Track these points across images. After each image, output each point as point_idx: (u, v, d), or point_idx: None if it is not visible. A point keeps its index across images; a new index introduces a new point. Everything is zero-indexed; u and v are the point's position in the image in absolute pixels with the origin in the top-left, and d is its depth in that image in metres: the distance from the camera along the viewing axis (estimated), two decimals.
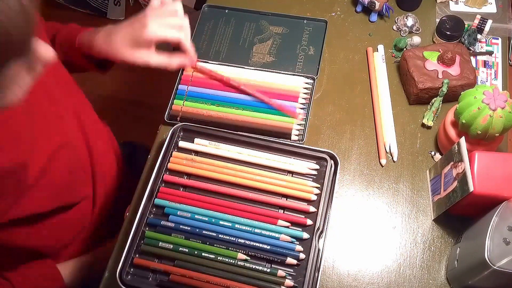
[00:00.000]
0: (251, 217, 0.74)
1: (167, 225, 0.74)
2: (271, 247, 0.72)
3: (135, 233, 0.73)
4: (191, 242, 0.73)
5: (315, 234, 0.73)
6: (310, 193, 0.74)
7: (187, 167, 0.77)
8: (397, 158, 0.90)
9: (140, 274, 0.72)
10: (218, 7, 1.08)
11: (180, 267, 0.71)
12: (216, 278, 0.70)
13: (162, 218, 0.76)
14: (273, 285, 0.70)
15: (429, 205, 0.86)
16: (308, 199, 0.74)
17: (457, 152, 0.76)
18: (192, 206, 0.75)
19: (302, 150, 0.82)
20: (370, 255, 0.81)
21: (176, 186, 0.78)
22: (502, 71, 1.00)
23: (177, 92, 0.95)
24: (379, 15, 1.07)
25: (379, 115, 0.94)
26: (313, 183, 0.76)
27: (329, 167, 0.80)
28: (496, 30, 1.04)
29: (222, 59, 1.01)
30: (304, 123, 0.90)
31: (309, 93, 0.94)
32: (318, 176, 0.80)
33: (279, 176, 0.78)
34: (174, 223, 0.74)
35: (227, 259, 0.71)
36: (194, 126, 0.83)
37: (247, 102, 0.93)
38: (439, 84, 0.90)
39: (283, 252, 0.72)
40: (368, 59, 1.01)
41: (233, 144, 0.82)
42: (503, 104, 0.76)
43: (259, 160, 0.80)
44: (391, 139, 0.91)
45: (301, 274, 0.71)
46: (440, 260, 0.80)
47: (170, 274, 0.71)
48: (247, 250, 0.72)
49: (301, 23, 1.05)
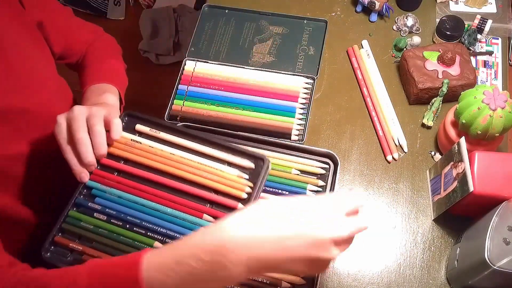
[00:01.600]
0: (178, 208, 0.74)
1: (93, 207, 0.74)
2: None
3: (61, 212, 0.73)
4: (110, 226, 0.73)
5: None
6: (241, 190, 0.74)
7: (124, 152, 0.77)
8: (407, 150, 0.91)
9: (59, 252, 0.72)
10: (218, 7, 1.08)
11: (97, 249, 0.71)
12: None
13: (90, 200, 0.76)
14: None
15: (429, 205, 0.86)
16: (238, 196, 0.74)
17: (457, 152, 0.76)
18: (120, 191, 0.75)
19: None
20: (370, 255, 0.81)
21: (111, 170, 0.78)
22: (502, 71, 1.00)
23: (177, 92, 0.95)
24: (379, 15, 1.07)
25: (381, 111, 0.94)
26: (246, 181, 0.76)
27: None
28: (496, 30, 1.04)
29: (222, 59, 1.01)
30: (304, 123, 0.90)
31: (309, 93, 0.94)
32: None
33: (212, 170, 0.77)
34: (101, 206, 0.74)
35: (143, 246, 0.71)
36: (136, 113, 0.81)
37: (247, 102, 0.93)
38: (439, 84, 0.90)
39: None
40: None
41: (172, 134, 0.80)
42: (503, 104, 0.76)
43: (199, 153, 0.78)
44: (398, 132, 0.91)
45: None
46: (440, 260, 0.80)
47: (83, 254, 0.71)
48: (166, 240, 0.72)
49: (301, 23, 1.05)
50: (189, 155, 0.77)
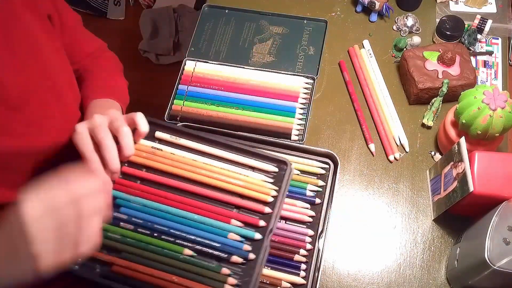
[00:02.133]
0: (205, 214, 0.74)
1: (119, 216, 0.74)
2: (221, 245, 0.72)
3: None
4: (138, 235, 0.72)
5: (267, 235, 0.73)
6: (267, 194, 0.74)
7: (146, 160, 0.77)
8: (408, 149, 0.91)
9: (88, 264, 0.71)
10: (218, 7, 1.08)
11: (125, 259, 0.71)
12: (158, 272, 0.70)
13: (114, 209, 0.75)
14: (216, 282, 0.69)
15: (429, 205, 0.86)
16: (264, 200, 0.74)
17: (457, 152, 0.76)
18: (145, 199, 0.75)
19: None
20: (370, 255, 0.81)
21: (133, 179, 0.78)
22: (502, 71, 1.00)
23: (177, 92, 0.95)
24: (379, 15, 1.07)
25: (382, 111, 0.94)
26: (271, 185, 0.77)
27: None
28: (496, 30, 1.04)
29: (222, 59, 1.01)
30: (304, 123, 0.90)
31: (309, 93, 0.94)
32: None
33: (237, 175, 0.78)
34: (126, 215, 0.74)
35: (172, 254, 0.71)
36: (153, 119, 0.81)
37: (247, 102, 0.93)
38: (439, 84, 0.90)
39: (230, 250, 0.72)
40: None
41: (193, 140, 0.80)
42: (503, 104, 0.76)
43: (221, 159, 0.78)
44: (399, 131, 0.91)
45: (249, 273, 0.71)
46: (440, 260, 0.80)
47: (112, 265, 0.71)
48: (195, 246, 0.72)
49: (301, 23, 1.05)
50: (212, 161, 0.77)
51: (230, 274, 0.70)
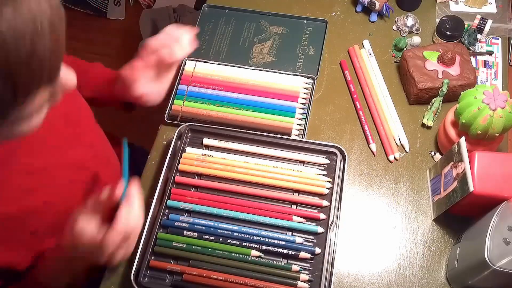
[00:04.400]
0: (265, 214, 0.75)
1: (181, 225, 0.74)
2: (286, 243, 0.72)
3: (149, 236, 0.73)
4: (204, 241, 0.73)
5: (329, 227, 0.74)
6: (322, 187, 0.74)
7: (197, 168, 0.78)
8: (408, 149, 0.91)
9: (157, 276, 0.72)
10: (218, 7, 1.08)
11: (194, 266, 0.71)
12: (230, 276, 0.70)
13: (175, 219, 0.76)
14: (288, 280, 0.70)
15: (429, 205, 0.86)
16: (320, 193, 0.74)
17: (457, 152, 0.76)
18: (203, 206, 0.75)
19: (309, 145, 0.83)
20: (370, 255, 0.81)
21: (187, 187, 0.78)
22: (502, 71, 1.00)
23: (177, 92, 0.95)
24: (379, 15, 1.07)
25: (382, 111, 0.94)
26: (324, 177, 0.77)
27: (339, 161, 0.81)
28: (496, 30, 1.04)
29: (222, 59, 1.01)
30: (304, 123, 0.90)
31: (309, 93, 0.94)
32: (328, 170, 0.81)
33: (289, 172, 0.78)
34: (188, 223, 0.74)
35: (241, 256, 0.71)
36: (200, 126, 0.83)
37: (247, 102, 0.93)
38: (439, 84, 0.90)
39: (296, 247, 0.72)
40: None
41: (241, 142, 0.82)
42: (503, 104, 0.76)
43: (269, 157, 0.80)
44: (399, 131, 0.91)
45: (318, 268, 0.72)
46: (440, 260, 0.80)
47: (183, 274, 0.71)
48: (261, 247, 0.72)
49: (301, 23, 1.05)
50: (263, 161, 0.77)
51: (299, 270, 0.71)
